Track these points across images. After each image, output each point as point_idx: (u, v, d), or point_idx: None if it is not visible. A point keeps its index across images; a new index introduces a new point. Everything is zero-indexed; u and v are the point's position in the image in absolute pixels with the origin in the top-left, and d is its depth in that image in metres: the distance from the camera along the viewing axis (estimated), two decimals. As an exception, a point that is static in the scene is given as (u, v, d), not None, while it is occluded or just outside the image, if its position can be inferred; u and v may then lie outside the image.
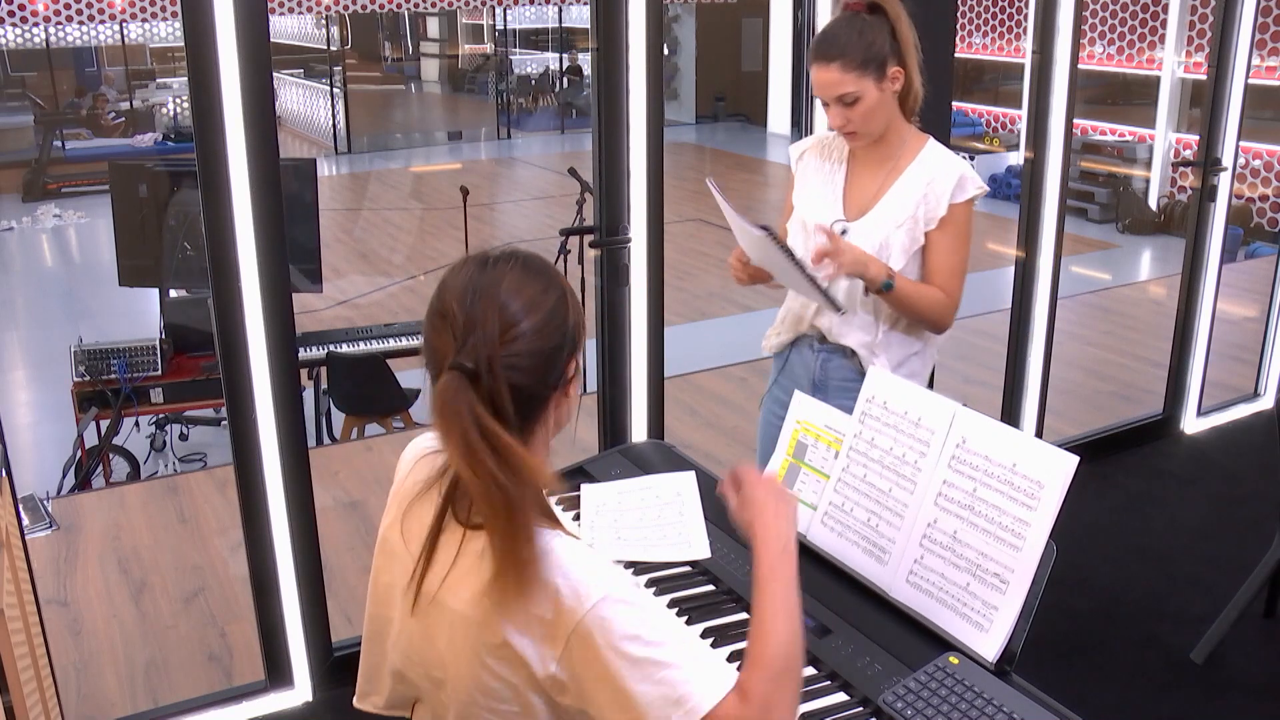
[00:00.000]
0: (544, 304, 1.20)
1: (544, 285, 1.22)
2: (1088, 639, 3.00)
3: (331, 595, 2.78)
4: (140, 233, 4.63)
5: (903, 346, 2.22)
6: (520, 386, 1.18)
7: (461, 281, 1.20)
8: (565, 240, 5.46)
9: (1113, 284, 7.85)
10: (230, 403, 2.49)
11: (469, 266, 1.22)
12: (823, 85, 2.08)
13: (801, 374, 2.31)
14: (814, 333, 2.27)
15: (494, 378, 1.15)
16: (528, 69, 18.52)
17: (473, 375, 1.15)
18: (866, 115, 2.09)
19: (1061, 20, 3.41)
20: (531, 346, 1.18)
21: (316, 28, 16.56)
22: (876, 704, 1.45)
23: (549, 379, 1.22)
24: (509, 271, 1.21)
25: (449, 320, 1.18)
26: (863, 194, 2.19)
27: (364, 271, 8.45)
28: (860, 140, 2.15)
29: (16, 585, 2.05)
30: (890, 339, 2.20)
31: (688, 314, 7.07)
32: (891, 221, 2.14)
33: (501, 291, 1.18)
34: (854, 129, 2.11)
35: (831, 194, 2.22)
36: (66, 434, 4.78)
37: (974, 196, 2.16)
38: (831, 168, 2.24)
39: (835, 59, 2.05)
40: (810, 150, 2.31)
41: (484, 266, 1.22)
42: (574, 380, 1.26)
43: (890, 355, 2.21)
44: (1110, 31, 10.41)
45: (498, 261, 1.22)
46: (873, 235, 2.14)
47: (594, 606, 1.13)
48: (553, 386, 1.23)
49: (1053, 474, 1.48)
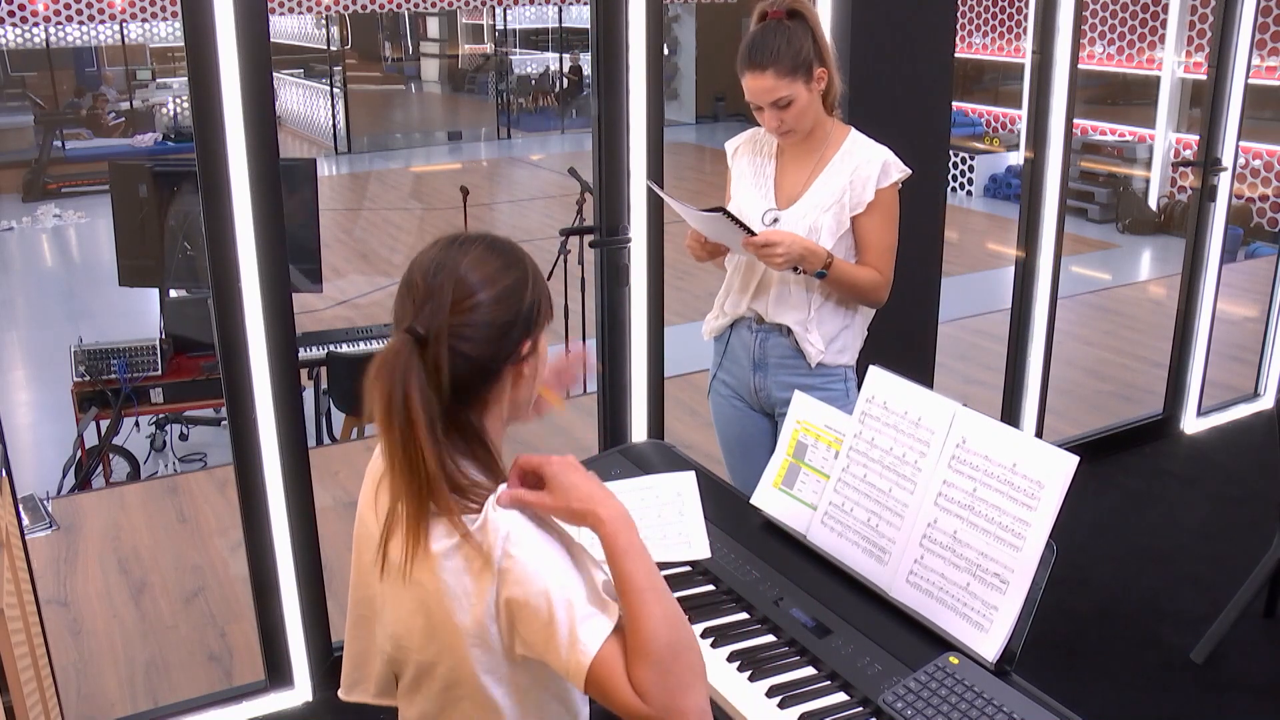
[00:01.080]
0: (501, 280, 1.26)
1: (505, 263, 1.27)
2: (1088, 639, 3.00)
3: (331, 595, 2.78)
4: (140, 233, 4.62)
5: (834, 320, 2.36)
6: (469, 355, 1.23)
7: (430, 256, 1.27)
8: (565, 240, 5.45)
9: (1113, 284, 7.84)
10: (230, 403, 2.49)
11: (440, 243, 1.29)
12: (757, 92, 2.22)
13: (742, 354, 2.44)
14: (751, 314, 2.40)
15: (439, 344, 1.21)
16: (528, 69, 18.52)
17: (421, 340, 1.21)
18: (799, 115, 2.24)
19: (1061, 20, 3.41)
20: (483, 318, 1.24)
21: (316, 28, 16.56)
22: (876, 704, 1.46)
23: (500, 353, 1.26)
24: (473, 249, 1.27)
25: (412, 290, 1.25)
26: (792, 185, 2.34)
27: (364, 271, 8.45)
28: (794, 138, 2.29)
29: (16, 585, 2.05)
30: (823, 314, 2.34)
31: (688, 314, 7.04)
32: (819, 207, 2.28)
33: (462, 266, 1.25)
34: (788, 129, 2.26)
35: (764, 186, 2.37)
36: (66, 434, 4.78)
37: (898, 180, 2.30)
38: (762, 162, 2.40)
39: (768, 66, 2.18)
40: (743, 146, 2.46)
41: (452, 244, 1.28)
42: (529, 359, 1.29)
43: (823, 330, 2.34)
44: (1110, 31, 10.40)
45: (466, 241, 1.29)
46: (803, 221, 2.28)
47: (508, 536, 1.18)
48: (504, 360, 1.26)
49: (1053, 474, 1.48)
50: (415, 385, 1.20)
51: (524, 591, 1.17)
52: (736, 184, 2.43)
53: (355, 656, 1.42)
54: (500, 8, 16.47)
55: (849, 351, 2.40)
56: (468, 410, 1.26)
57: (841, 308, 2.35)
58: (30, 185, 11.70)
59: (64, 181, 11.80)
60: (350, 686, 1.44)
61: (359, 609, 1.40)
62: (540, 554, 1.19)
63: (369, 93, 18.25)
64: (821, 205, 2.28)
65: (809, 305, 2.32)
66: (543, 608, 1.16)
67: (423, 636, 1.26)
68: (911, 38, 3.01)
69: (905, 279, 3.20)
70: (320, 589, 2.70)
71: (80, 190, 11.57)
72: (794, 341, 2.36)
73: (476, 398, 1.27)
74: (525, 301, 1.27)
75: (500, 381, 1.28)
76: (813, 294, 2.32)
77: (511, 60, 18.08)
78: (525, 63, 18.64)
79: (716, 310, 2.48)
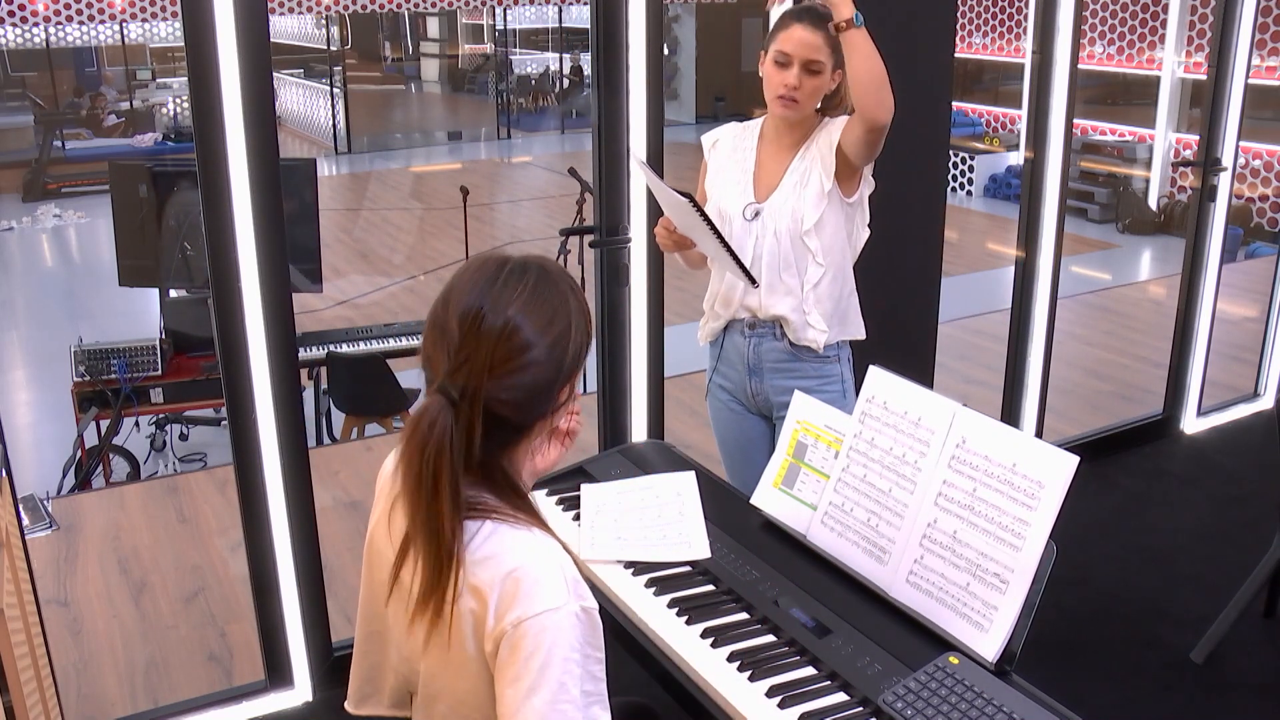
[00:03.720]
0: (545, 337, 1.18)
1: (551, 314, 1.19)
2: (1088, 639, 3.00)
3: (331, 595, 2.78)
4: (140, 233, 4.62)
5: (829, 297, 2.32)
6: (505, 417, 1.18)
7: (468, 296, 1.18)
8: (565, 240, 5.47)
9: (1113, 284, 7.84)
10: (230, 403, 2.49)
11: (482, 275, 1.20)
12: (804, 45, 2.20)
13: (736, 359, 2.43)
14: (745, 315, 2.38)
15: (475, 406, 1.15)
16: (528, 69, 18.52)
17: (455, 402, 1.15)
18: (814, 90, 2.24)
19: (1061, 20, 3.41)
20: (523, 380, 1.17)
21: (316, 28, 16.56)
22: (876, 704, 1.45)
23: (536, 410, 1.21)
24: (519, 294, 1.18)
25: (446, 338, 1.18)
26: (771, 176, 2.34)
27: (364, 271, 8.45)
28: (793, 111, 2.26)
29: (16, 585, 2.05)
30: (818, 292, 2.31)
31: (688, 314, 7.05)
32: (798, 186, 2.28)
33: (504, 318, 1.16)
34: (797, 97, 2.23)
35: (743, 180, 2.36)
36: (66, 434, 4.78)
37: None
38: (742, 157, 2.39)
39: (823, 29, 2.18)
40: (723, 140, 2.45)
41: (495, 281, 1.19)
42: (566, 404, 1.25)
43: (821, 308, 2.31)
44: (1110, 31, 10.40)
45: (510, 276, 1.19)
46: (784, 207, 2.28)
47: (532, 619, 1.14)
48: (541, 416, 1.22)
49: (1053, 474, 1.48)
50: (446, 463, 1.14)
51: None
52: (713, 178, 2.42)
53: (367, 670, 1.40)
54: (500, 8, 16.46)
55: (850, 326, 2.39)
56: (498, 458, 1.22)
57: (836, 282, 2.32)
58: (30, 185, 11.70)
59: (64, 181, 11.80)
60: (361, 700, 1.41)
61: (371, 624, 1.37)
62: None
63: (369, 93, 18.25)
64: (801, 184, 2.28)
65: (801, 286, 2.30)
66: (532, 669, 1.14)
67: (435, 663, 1.25)
68: (911, 38, 3.01)
69: (905, 279, 3.21)
70: (320, 589, 2.70)
71: (80, 190, 11.57)
72: (789, 343, 2.34)
73: (509, 447, 1.23)
74: (570, 353, 1.21)
75: (534, 431, 1.24)
76: (806, 273, 2.29)
77: (511, 60, 18.08)
78: (525, 63, 18.65)
79: (708, 314, 2.47)
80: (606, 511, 1.92)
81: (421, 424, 1.15)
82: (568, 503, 2.00)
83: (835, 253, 2.30)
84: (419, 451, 1.15)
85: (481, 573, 1.18)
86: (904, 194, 2.32)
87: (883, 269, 2.65)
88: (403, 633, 1.28)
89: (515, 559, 1.17)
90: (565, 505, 2.00)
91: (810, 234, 2.26)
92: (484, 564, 1.18)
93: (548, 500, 2.02)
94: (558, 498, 2.03)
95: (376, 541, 1.33)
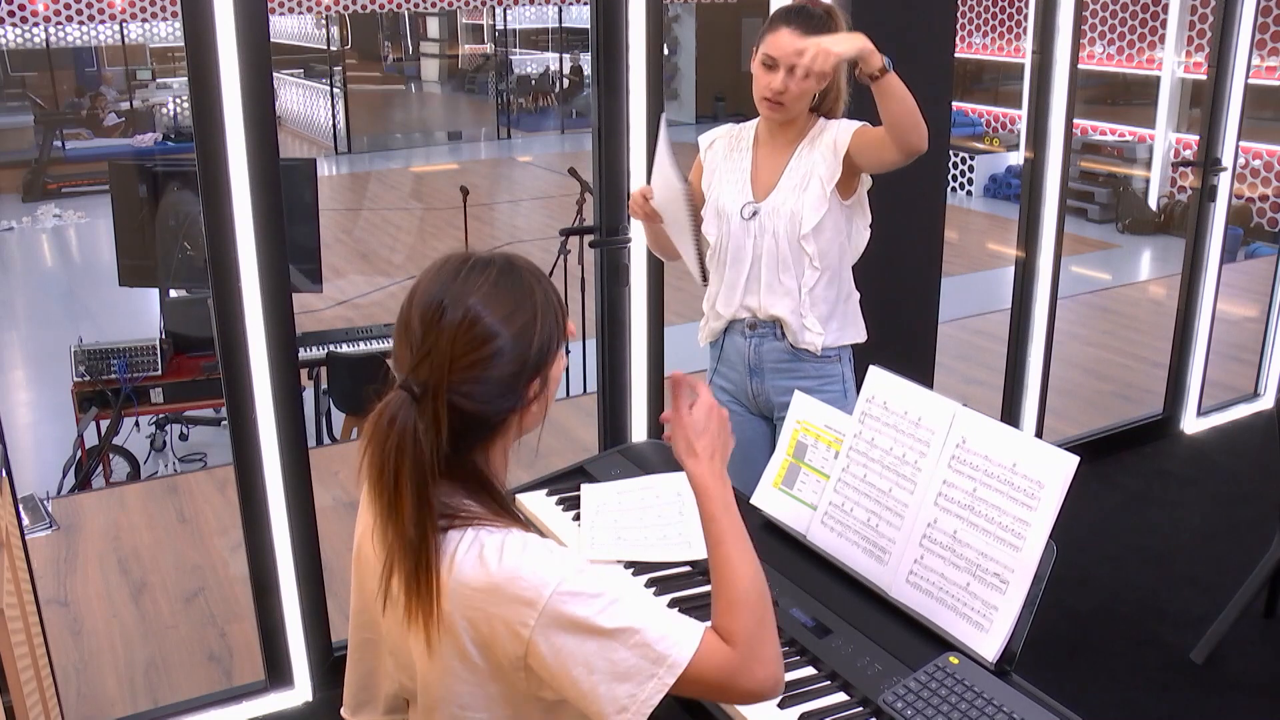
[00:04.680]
0: (508, 327, 1.16)
1: (514, 304, 1.17)
2: (1088, 639, 3.00)
3: (331, 595, 2.78)
4: (140, 233, 4.63)
5: (826, 300, 2.33)
6: (470, 412, 1.16)
7: (430, 291, 1.16)
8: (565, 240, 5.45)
9: (1113, 284, 7.84)
10: (230, 403, 2.49)
11: (445, 271, 1.18)
12: (790, 49, 2.18)
13: (737, 360, 2.44)
14: (745, 316, 2.38)
15: (438, 400, 1.13)
16: (528, 69, 18.52)
17: (417, 397, 1.13)
18: (802, 92, 2.24)
19: (1061, 20, 3.41)
20: (488, 373, 1.15)
21: (316, 28, 16.55)
22: (876, 704, 1.45)
23: (505, 405, 1.19)
24: (480, 286, 1.16)
25: (409, 334, 1.16)
26: (768, 176, 2.34)
27: (364, 271, 8.44)
28: (779, 114, 2.27)
29: (16, 585, 2.05)
30: (815, 296, 2.32)
31: (688, 314, 7.05)
32: (797, 188, 2.28)
33: (464, 309, 1.14)
34: (784, 100, 2.23)
35: (740, 180, 2.37)
36: (66, 434, 4.78)
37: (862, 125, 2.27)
38: (739, 157, 2.40)
39: (813, 33, 2.17)
40: (719, 141, 2.46)
41: (457, 275, 1.17)
42: (538, 398, 1.22)
43: (818, 311, 2.32)
44: (1110, 31, 10.40)
45: (473, 271, 1.18)
46: (782, 207, 2.28)
47: (547, 603, 1.12)
48: (510, 410, 1.20)
49: (1053, 474, 1.48)
50: (407, 461, 1.11)
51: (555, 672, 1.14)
52: (709, 178, 2.43)
53: (361, 678, 1.38)
54: (500, 8, 16.46)
55: (850, 329, 2.39)
56: (469, 454, 1.20)
57: (832, 286, 2.33)
58: (30, 185, 11.70)
59: (64, 181, 11.80)
60: (356, 707, 1.39)
61: (363, 632, 1.36)
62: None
63: (369, 93, 18.23)
64: (799, 186, 2.27)
65: (799, 289, 2.30)
66: (583, 679, 1.13)
67: (434, 671, 1.23)
68: (911, 38, 3.01)
69: (905, 279, 3.21)
70: (320, 589, 2.70)
71: (80, 190, 11.57)
72: (789, 344, 2.35)
73: (479, 443, 1.20)
74: (534, 346, 1.18)
75: (506, 428, 1.22)
76: (803, 276, 2.30)
77: (511, 60, 18.08)
78: (525, 63, 18.64)
79: (709, 314, 2.47)
80: (606, 511, 1.92)
81: (381, 420, 1.13)
82: (567, 503, 2.00)
83: (832, 256, 2.31)
84: (379, 448, 1.13)
85: (472, 583, 1.15)
86: (904, 194, 2.32)
87: (883, 269, 2.65)
88: (397, 642, 1.26)
89: (503, 567, 1.15)
90: (565, 505, 2.00)
91: (808, 238, 2.26)
92: (472, 576, 1.15)
93: (548, 500, 2.02)
94: (558, 498, 2.03)
95: (365, 551, 1.32)
